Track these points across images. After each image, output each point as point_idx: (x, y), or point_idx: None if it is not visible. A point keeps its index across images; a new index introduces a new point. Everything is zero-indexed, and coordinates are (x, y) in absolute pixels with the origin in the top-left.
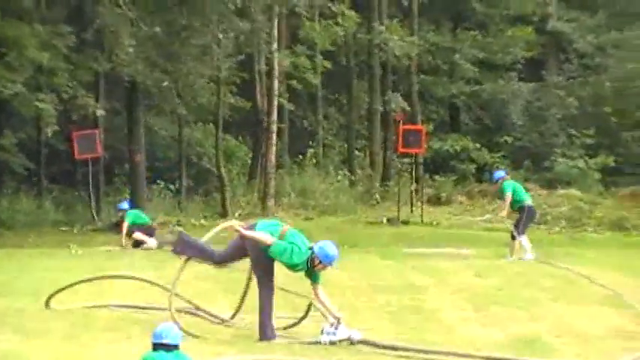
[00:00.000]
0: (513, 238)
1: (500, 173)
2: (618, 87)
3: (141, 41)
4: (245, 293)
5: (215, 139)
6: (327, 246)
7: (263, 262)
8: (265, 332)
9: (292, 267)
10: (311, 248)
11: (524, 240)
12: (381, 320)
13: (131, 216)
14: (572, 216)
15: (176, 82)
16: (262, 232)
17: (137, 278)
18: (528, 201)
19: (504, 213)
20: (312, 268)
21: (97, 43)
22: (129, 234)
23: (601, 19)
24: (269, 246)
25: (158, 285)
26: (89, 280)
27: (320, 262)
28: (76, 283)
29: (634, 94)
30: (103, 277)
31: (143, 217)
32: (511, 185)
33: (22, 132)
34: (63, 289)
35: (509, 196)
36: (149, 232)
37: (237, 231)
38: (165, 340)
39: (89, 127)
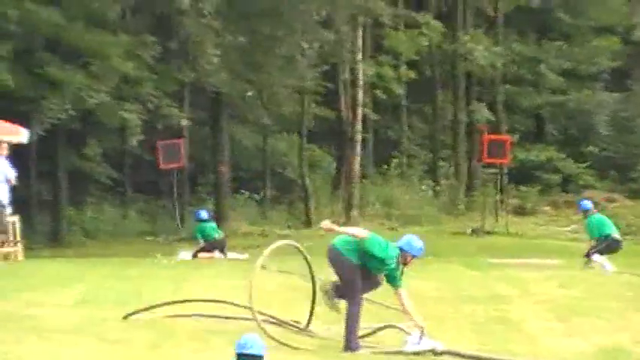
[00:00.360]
0: (587, 256)
1: (586, 205)
2: None
3: (225, 51)
4: (314, 301)
5: (299, 149)
6: (412, 239)
7: (351, 276)
8: (350, 343)
9: (384, 261)
10: (398, 247)
11: (596, 257)
12: (465, 331)
13: (202, 230)
14: None
15: (260, 92)
16: (356, 228)
17: (220, 301)
18: (615, 234)
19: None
20: (400, 266)
21: (181, 52)
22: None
23: None
24: (364, 239)
25: (244, 307)
26: (174, 302)
27: (410, 255)
28: (158, 306)
29: None
30: (186, 301)
31: (213, 232)
32: (595, 222)
33: (107, 142)
34: (147, 308)
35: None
36: (219, 246)
37: (330, 229)
38: (250, 350)
39: (174, 137)
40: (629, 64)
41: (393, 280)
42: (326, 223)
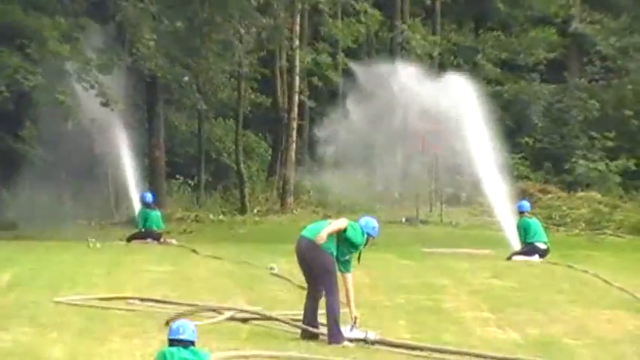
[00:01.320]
0: (508, 259)
1: (523, 206)
2: None
3: (161, 35)
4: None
5: (235, 135)
6: (371, 221)
7: (330, 268)
8: (336, 336)
9: (358, 246)
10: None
11: (516, 258)
12: (399, 319)
13: (146, 216)
14: (592, 219)
15: (197, 77)
16: (335, 221)
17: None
18: (539, 243)
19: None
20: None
21: (118, 36)
22: (131, 238)
23: (624, 21)
24: (345, 230)
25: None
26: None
27: (371, 237)
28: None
29: None
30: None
31: (156, 222)
32: (524, 226)
33: (43, 124)
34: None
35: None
36: (154, 237)
37: (321, 237)
38: (182, 335)
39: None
40: (566, 55)
41: (347, 264)
42: (320, 236)
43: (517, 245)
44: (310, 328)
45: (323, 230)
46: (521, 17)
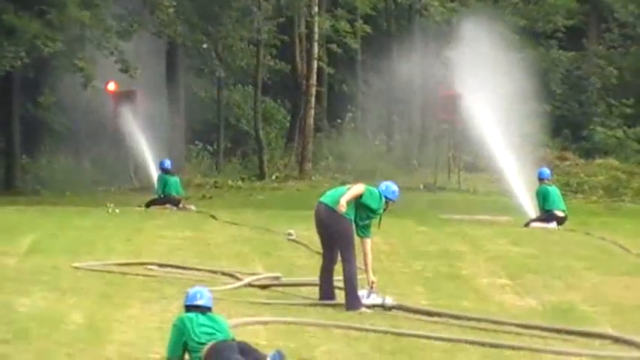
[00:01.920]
0: (526, 225)
1: (544, 172)
2: None
3: (181, 2)
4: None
5: (254, 102)
6: (391, 185)
7: (349, 234)
8: (355, 302)
9: (376, 211)
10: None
11: (534, 224)
12: (416, 286)
13: (165, 182)
14: (610, 185)
15: (216, 44)
16: (352, 187)
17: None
18: (557, 211)
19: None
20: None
21: (138, 3)
22: (150, 204)
23: None
24: (362, 195)
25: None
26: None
27: (391, 201)
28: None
29: None
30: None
31: (176, 187)
32: (543, 193)
33: (62, 91)
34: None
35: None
36: (173, 202)
37: (342, 206)
38: (199, 301)
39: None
40: (584, 22)
41: (366, 229)
42: (341, 205)
43: (535, 212)
44: (327, 301)
45: (342, 199)
46: None
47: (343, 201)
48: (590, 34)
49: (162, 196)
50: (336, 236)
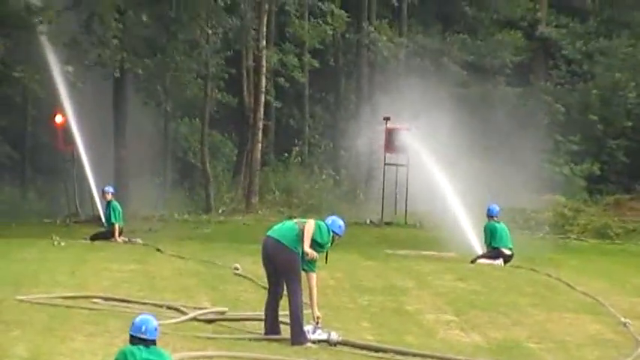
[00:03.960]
0: (472, 262)
1: (493, 209)
2: (605, 95)
3: (128, 33)
4: None
5: (201, 135)
6: (335, 219)
7: (295, 268)
8: (301, 336)
9: (324, 246)
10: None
11: (480, 261)
12: (362, 321)
13: (115, 209)
14: (556, 222)
15: (163, 77)
16: (306, 227)
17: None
18: (505, 249)
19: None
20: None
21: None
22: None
23: (591, 25)
24: (315, 233)
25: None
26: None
27: (337, 236)
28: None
29: (620, 102)
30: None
31: (121, 217)
32: (491, 230)
33: (7, 121)
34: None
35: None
36: (119, 232)
37: (311, 254)
38: (144, 335)
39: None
40: (532, 59)
41: (312, 264)
42: (310, 255)
43: (482, 248)
44: (272, 336)
45: (306, 248)
46: (488, 20)
47: (308, 249)
48: (537, 71)
49: (108, 227)
50: (283, 270)
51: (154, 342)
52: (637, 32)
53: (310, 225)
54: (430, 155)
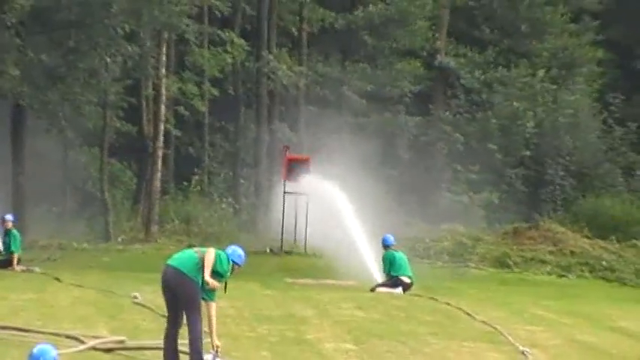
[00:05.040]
0: (372, 290)
1: (387, 239)
2: (504, 124)
3: (27, 64)
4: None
5: (100, 163)
6: (235, 249)
7: (195, 297)
8: None
9: (223, 276)
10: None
11: (380, 289)
12: (261, 350)
13: (15, 236)
14: (455, 251)
15: (63, 105)
16: (206, 257)
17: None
18: (404, 276)
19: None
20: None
21: None
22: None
23: (489, 55)
24: (215, 262)
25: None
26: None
27: (237, 265)
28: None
29: (519, 131)
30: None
31: (19, 245)
32: (389, 259)
33: None
34: None
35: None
36: (18, 261)
37: (213, 284)
38: None
39: None
40: (431, 88)
41: (212, 293)
42: (212, 284)
43: (381, 277)
44: None
45: (207, 278)
46: (387, 50)
47: (209, 279)
48: (436, 100)
49: (6, 254)
50: (183, 299)
51: None
52: (535, 62)
53: (210, 254)
54: (330, 184)
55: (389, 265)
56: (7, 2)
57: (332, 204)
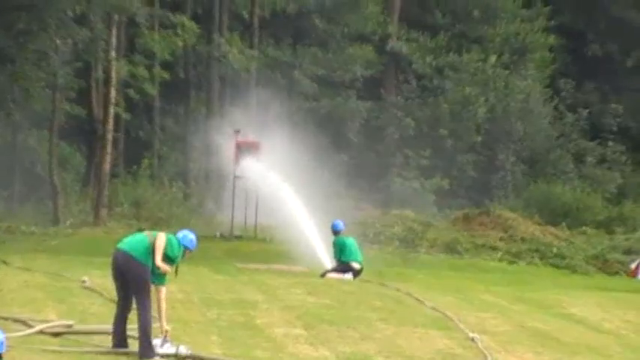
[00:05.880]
0: (322, 276)
1: (337, 225)
2: (455, 110)
3: None
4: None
5: (49, 146)
6: (187, 234)
7: (145, 282)
8: (149, 349)
9: (174, 260)
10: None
11: (330, 275)
12: (211, 335)
13: None
14: (406, 236)
15: (11, 87)
16: (157, 242)
17: None
18: (354, 262)
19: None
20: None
21: None
22: None
23: (441, 40)
24: (166, 247)
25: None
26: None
27: (188, 250)
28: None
29: (470, 117)
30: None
31: None
32: (340, 245)
33: None
34: None
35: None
36: None
37: (164, 269)
38: None
39: None
40: (383, 73)
41: (162, 277)
42: (163, 269)
43: (331, 263)
44: (119, 349)
45: (158, 263)
46: (339, 34)
47: (160, 263)
48: (388, 85)
49: None
50: (133, 283)
51: (0, 356)
52: (487, 48)
53: (161, 239)
54: (280, 169)
55: (339, 250)
56: None
57: (281, 189)
